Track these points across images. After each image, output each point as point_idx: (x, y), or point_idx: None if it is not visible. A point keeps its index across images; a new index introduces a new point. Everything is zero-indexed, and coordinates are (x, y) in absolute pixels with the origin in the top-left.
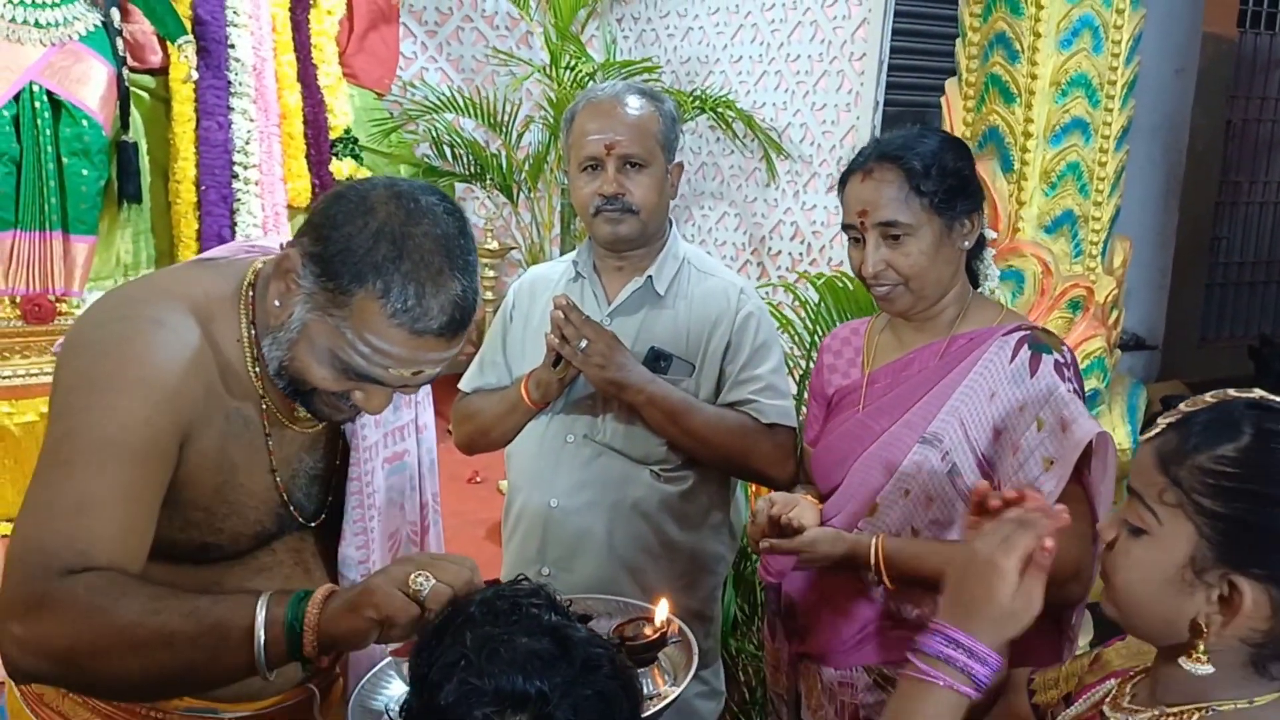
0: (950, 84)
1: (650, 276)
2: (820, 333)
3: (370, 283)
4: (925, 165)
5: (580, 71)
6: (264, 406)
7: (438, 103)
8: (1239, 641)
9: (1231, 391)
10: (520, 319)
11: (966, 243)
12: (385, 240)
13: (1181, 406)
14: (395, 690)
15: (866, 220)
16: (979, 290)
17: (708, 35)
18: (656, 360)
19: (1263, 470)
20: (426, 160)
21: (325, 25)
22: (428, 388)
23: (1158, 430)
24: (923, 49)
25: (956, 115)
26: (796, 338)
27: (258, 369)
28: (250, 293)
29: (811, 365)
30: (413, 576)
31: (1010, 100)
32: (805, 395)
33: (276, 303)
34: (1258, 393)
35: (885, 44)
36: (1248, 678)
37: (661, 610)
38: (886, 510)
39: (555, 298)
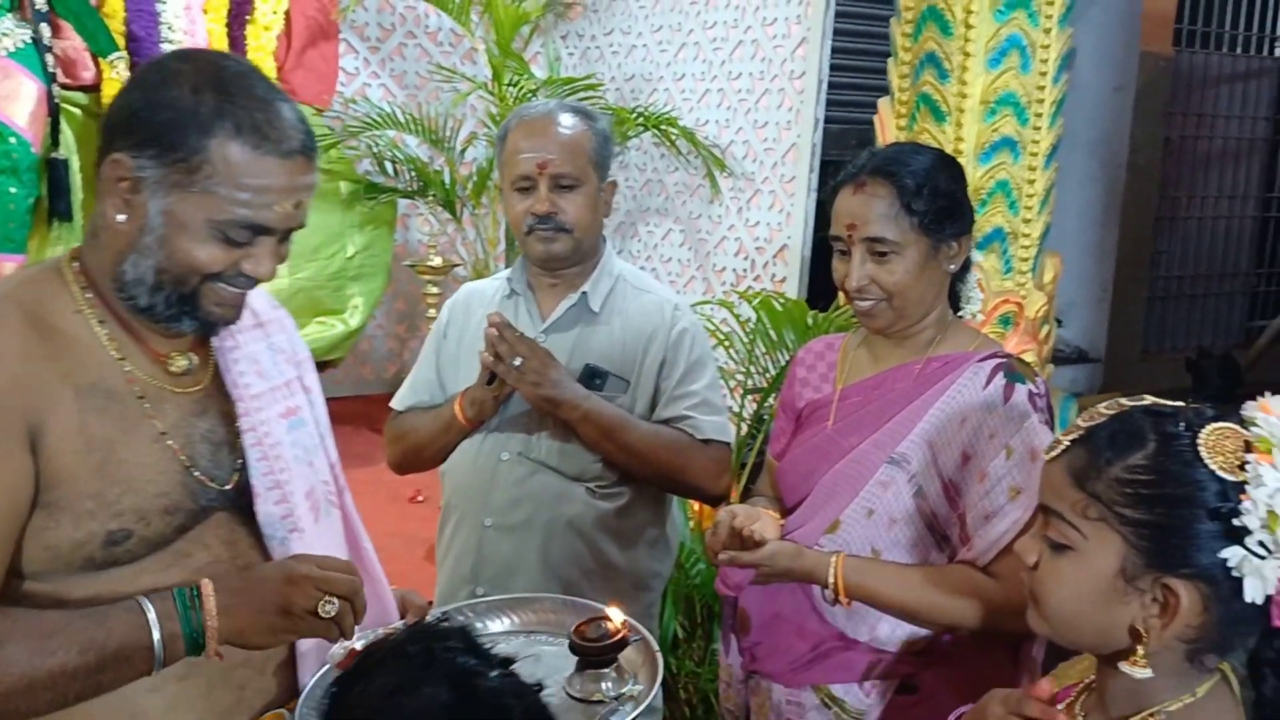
0: (883, 103)
1: (585, 293)
2: (761, 349)
3: (218, 129)
4: (918, 184)
5: (523, 88)
6: (126, 371)
7: (378, 119)
8: (1176, 640)
9: (1124, 401)
10: (455, 336)
11: (952, 265)
12: (207, 88)
13: (1079, 422)
14: None
15: (854, 234)
16: (960, 314)
17: (651, 53)
18: (591, 377)
19: (1173, 473)
20: (368, 176)
21: (263, 41)
22: (308, 353)
23: (1064, 448)
24: (861, 67)
25: (889, 134)
26: (734, 354)
27: (107, 330)
28: (76, 262)
29: (751, 381)
30: (322, 605)
31: (940, 119)
32: (745, 410)
33: (121, 217)
34: (1148, 399)
35: (824, 63)
36: (1187, 673)
37: (616, 611)
38: (849, 528)
39: (489, 315)
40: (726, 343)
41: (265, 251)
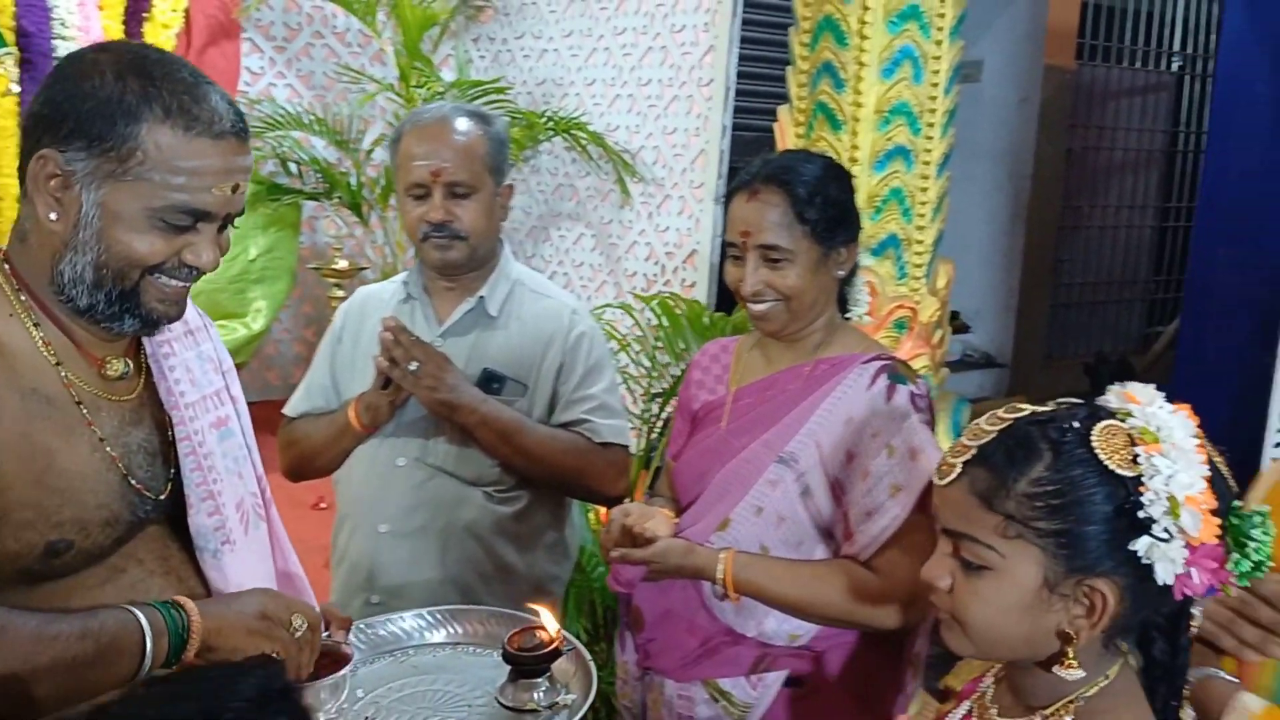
0: (783, 111)
1: (482, 297)
2: (665, 352)
3: (146, 114)
4: (810, 193)
5: (430, 90)
6: (64, 377)
7: (281, 119)
8: (1098, 633)
9: (1000, 413)
10: (349, 340)
11: (841, 271)
12: (130, 75)
13: (965, 441)
14: None
15: (749, 241)
16: (847, 316)
17: (562, 57)
18: (489, 381)
19: (1076, 479)
20: (271, 178)
21: (161, 39)
22: (232, 363)
23: (959, 471)
24: (768, 75)
25: (789, 141)
26: (638, 358)
27: (43, 334)
28: (5, 264)
29: (653, 386)
30: (294, 618)
31: (837, 127)
32: (648, 413)
33: (53, 215)
34: (1025, 408)
35: (732, 70)
36: (1101, 657)
37: (550, 620)
38: (738, 526)
39: (384, 319)
40: (631, 347)
41: (206, 240)
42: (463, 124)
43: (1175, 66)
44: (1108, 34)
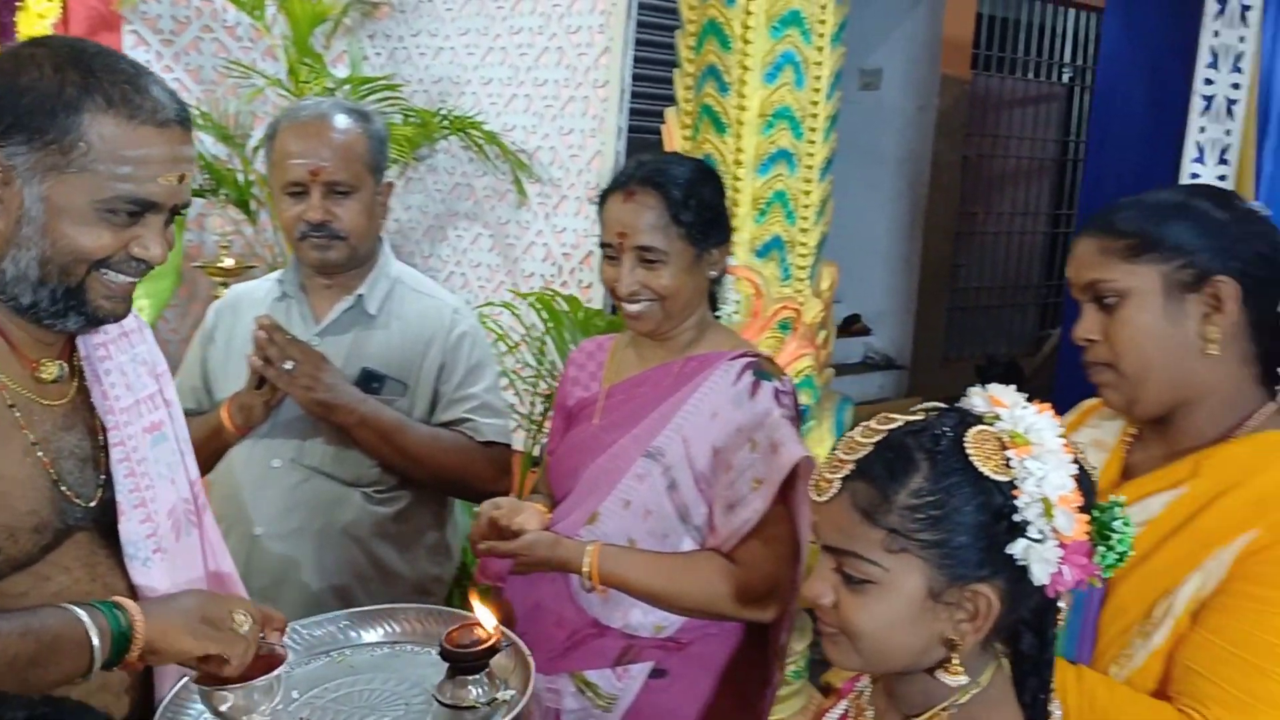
0: (670, 113)
1: (360, 296)
2: (552, 350)
3: (88, 104)
4: (685, 196)
5: (319, 86)
6: None
7: None
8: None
9: (873, 424)
10: (222, 340)
11: (714, 271)
12: (69, 67)
13: (841, 456)
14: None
15: (625, 242)
16: (717, 315)
17: (459, 55)
18: (368, 380)
19: (951, 486)
20: None
21: (35, 29)
22: (166, 365)
23: (838, 489)
24: (663, 77)
25: (676, 143)
26: (522, 358)
27: None
28: None
29: (541, 384)
30: (235, 614)
31: (722, 130)
32: (535, 412)
33: None
34: (898, 418)
35: (627, 72)
36: (977, 660)
37: (487, 617)
38: (607, 519)
39: (258, 317)
40: (519, 348)
41: (153, 231)
42: (342, 121)
43: (1066, 78)
44: (1001, 45)
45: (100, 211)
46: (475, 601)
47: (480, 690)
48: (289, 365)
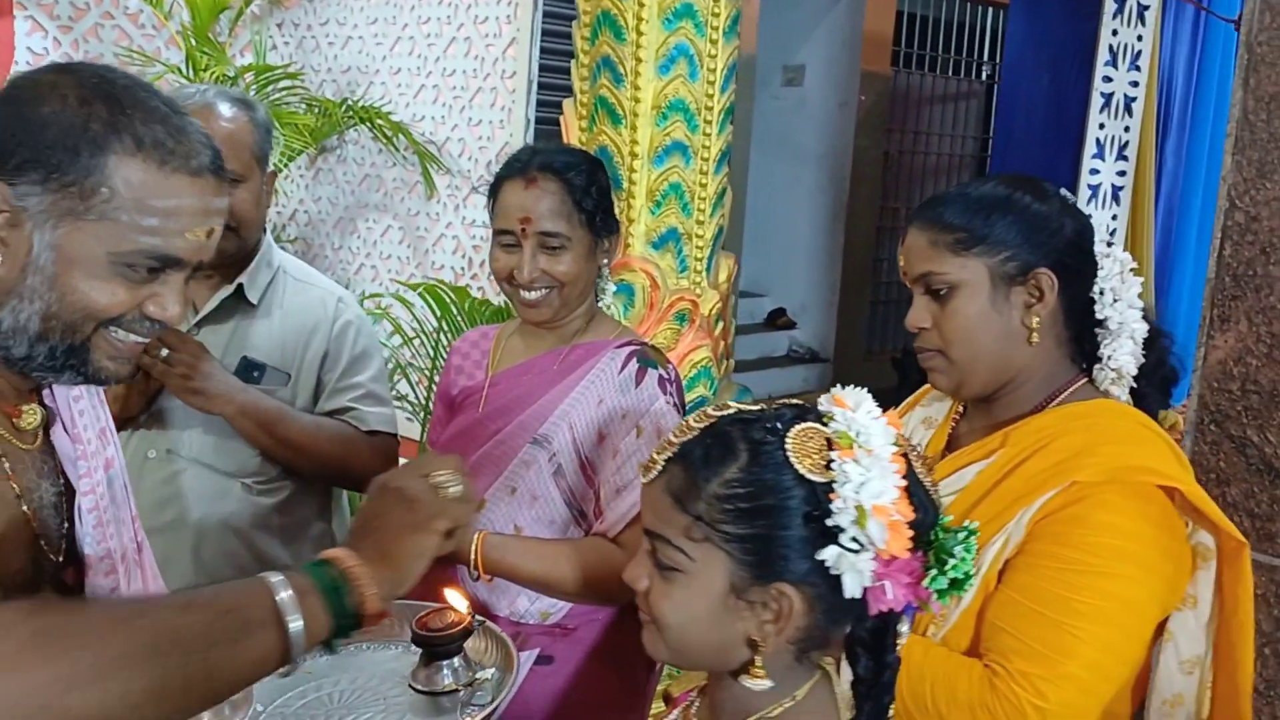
0: (567, 104)
1: (241, 285)
2: (442, 340)
3: (115, 145)
4: (585, 183)
5: (218, 74)
6: None
7: None
8: (786, 643)
9: (709, 410)
10: None
11: (606, 260)
12: (96, 100)
13: (671, 438)
14: None
15: (529, 228)
16: (600, 304)
17: (367, 45)
18: (248, 370)
19: (767, 483)
20: None
21: None
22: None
23: (661, 469)
24: (570, 69)
25: (573, 134)
26: (416, 350)
27: None
28: None
29: (437, 375)
30: (440, 477)
31: (617, 122)
32: (431, 401)
33: None
34: (734, 406)
35: (534, 63)
36: (793, 671)
37: (458, 600)
38: (493, 507)
39: None
40: (413, 339)
41: (172, 290)
42: (227, 110)
43: (985, 75)
44: (922, 43)
45: (117, 265)
46: (447, 590)
47: (457, 673)
48: (164, 353)
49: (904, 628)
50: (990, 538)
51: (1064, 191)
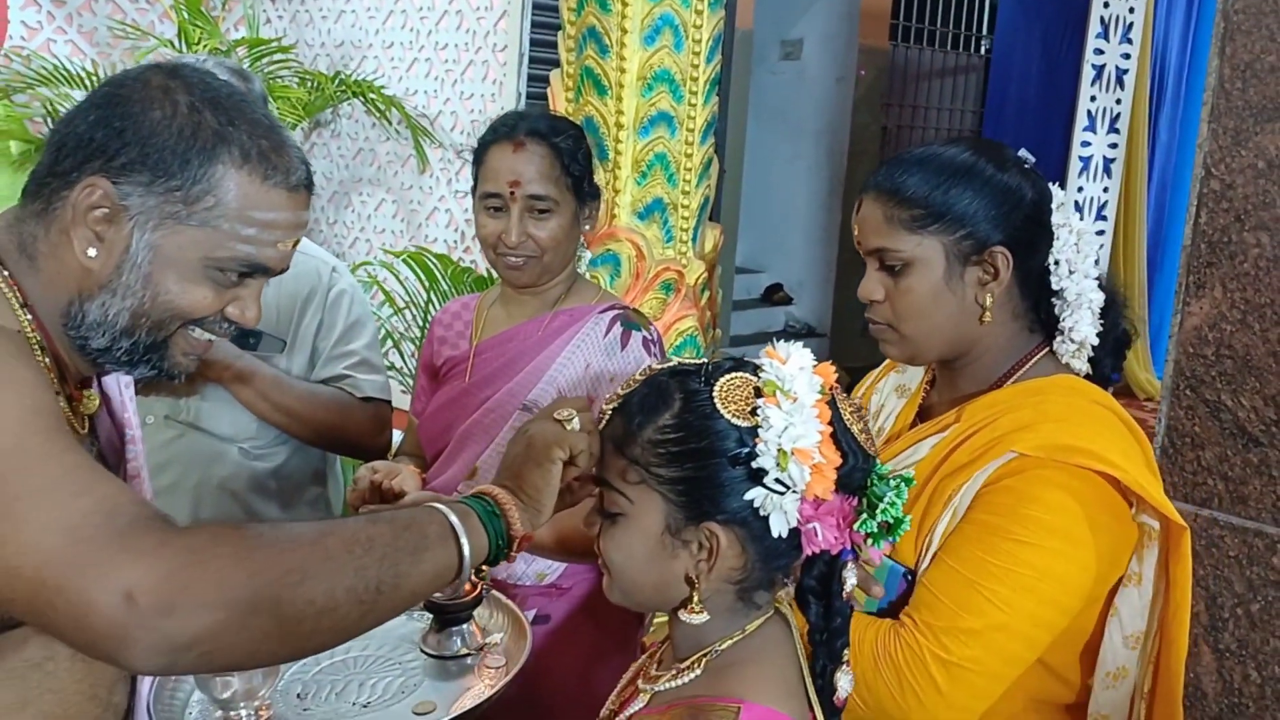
0: (554, 75)
1: None
2: (433, 311)
3: (223, 154)
4: (572, 148)
5: (210, 47)
6: (61, 407)
7: (49, 74)
8: (725, 583)
9: (654, 365)
10: None
11: (588, 225)
12: (207, 109)
13: (618, 390)
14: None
15: (518, 191)
16: (580, 272)
17: (360, 19)
18: (245, 337)
19: (696, 428)
20: (42, 136)
21: None
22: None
23: (606, 418)
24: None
25: (560, 105)
26: (404, 317)
27: (46, 359)
28: (4, 270)
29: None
30: (563, 413)
31: (603, 92)
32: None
33: (92, 252)
34: (675, 360)
35: (525, 36)
36: (737, 611)
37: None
38: (485, 474)
39: None
40: (404, 309)
41: (253, 294)
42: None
43: (983, 49)
44: (920, 16)
45: (210, 269)
46: None
47: (467, 638)
48: None
49: (849, 575)
50: (940, 513)
51: (1024, 153)
